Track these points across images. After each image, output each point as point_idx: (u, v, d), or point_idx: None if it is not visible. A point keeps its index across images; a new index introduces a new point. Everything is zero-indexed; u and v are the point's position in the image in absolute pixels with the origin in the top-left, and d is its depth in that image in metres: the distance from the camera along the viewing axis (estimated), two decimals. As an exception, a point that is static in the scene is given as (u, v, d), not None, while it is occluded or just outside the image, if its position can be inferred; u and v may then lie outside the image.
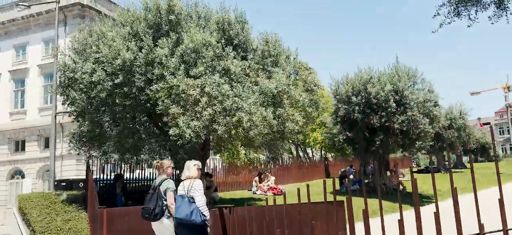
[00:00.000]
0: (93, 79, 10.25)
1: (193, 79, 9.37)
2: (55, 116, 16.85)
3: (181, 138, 8.96)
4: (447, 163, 33.54)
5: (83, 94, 10.69)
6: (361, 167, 27.39)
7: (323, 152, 39.48)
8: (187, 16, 11.24)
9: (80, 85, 10.65)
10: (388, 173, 21.42)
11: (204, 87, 9.15)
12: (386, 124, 16.51)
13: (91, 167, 12.05)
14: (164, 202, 5.92)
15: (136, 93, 10.09)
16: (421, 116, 16.44)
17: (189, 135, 8.77)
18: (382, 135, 16.90)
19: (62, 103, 11.71)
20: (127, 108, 10.30)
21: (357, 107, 16.66)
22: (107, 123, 11.05)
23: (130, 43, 10.29)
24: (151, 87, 9.64)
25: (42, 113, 32.19)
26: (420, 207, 3.50)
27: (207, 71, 9.57)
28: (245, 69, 10.07)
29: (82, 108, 10.83)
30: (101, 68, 10.26)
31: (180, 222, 5.61)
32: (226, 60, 9.82)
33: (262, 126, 9.07)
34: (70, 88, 11.01)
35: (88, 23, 11.75)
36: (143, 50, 10.09)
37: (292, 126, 9.66)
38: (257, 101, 9.33)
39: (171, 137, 9.08)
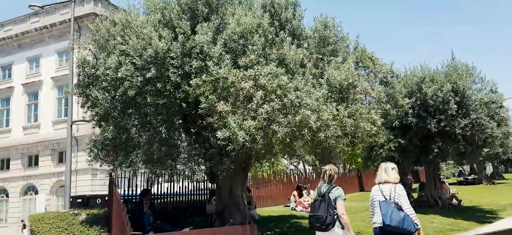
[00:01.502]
0: (119, 75, 8.47)
1: (243, 70, 7.52)
2: (71, 126, 15.10)
3: (232, 143, 7.07)
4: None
5: (106, 94, 8.91)
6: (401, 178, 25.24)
7: (346, 165, 37.31)
8: (226, 2, 9.44)
9: (103, 83, 8.89)
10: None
11: (258, 79, 7.28)
12: (446, 129, 14.46)
13: (115, 180, 10.23)
14: (335, 210, 5.65)
15: (171, 90, 8.26)
16: (487, 119, 14.36)
17: (243, 138, 6.87)
18: (440, 142, 14.84)
19: (81, 106, 9.93)
20: (160, 109, 8.47)
21: (410, 110, 14.64)
22: (134, 128, 9.22)
23: (162, 31, 8.51)
24: (191, 82, 7.81)
25: (56, 126, 30.92)
26: (488, 224, 2.99)
27: (260, 60, 7.71)
28: (303, 58, 8.21)
29: (106, 110, 9.03)
30: (129, 61, 8.47)
31: (390, 230, 5.31)
32: (281, 47, 7.96)
33: (334, 127, 7.17)
34: (90, 88, 9.23)
35: (111, 12, 10.00)
36: (179, 38, 8.29)
37: (368, 126, 7.72)
38: (322, 96, 7.43)
39: (218, 141, 7.19)
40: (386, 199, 5.46)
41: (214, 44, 8.07)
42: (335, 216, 5.65)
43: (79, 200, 19.52)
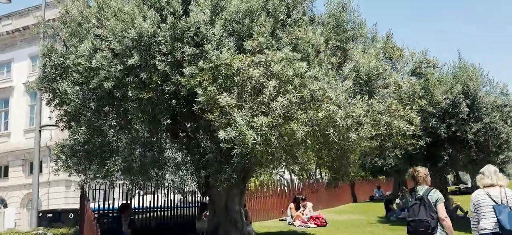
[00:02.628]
0: (93, 64, 6.91)
1: (250, 55, 6.04)
2: (40, 131, 13.27)
3: (238, 145, 5.54)
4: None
5: (77, 88, 7.31)
6: (396, 188, 24.13)
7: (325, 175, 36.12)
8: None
9: (74, 74, 7.29)
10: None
11: (270, 65, 5.82)
12: (457, 134, 13.26)
13: (87, 193, 8.57)
14: (435, 214, 5.41)
15: (158, 82, 6.71)
16: (501, 123, 13.24)
17: (253, 139, 5.35)
18: (450, 148, 13.62)
19: (47, 103, 8.26)
20: (144, 105, 6.90)
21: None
22: (112, 129, 7.61)
23: (148, 12, 6.98)
24: (184, 70, 6.29)
25: (28, 135, 28.82)
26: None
27: (271, 43, 6.27)
28: (319, 45, 6.79)
29: (76, 108, 7.41)
30: (106, 47, 6.91)
31: None
32: (295, 30, 6.55)
33: (368, 125, 5.75)
34: (58, 80, 7.59)
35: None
36: (168, 19, 6.76)
37: (404, 125, 6.32)
38: (348, 88, 6.04)
39: (221, 144, 5.66)
40: (497, 203, 5.18)
41: (212, 26, 6.58)
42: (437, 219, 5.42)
43: (50, 215, 17.63)
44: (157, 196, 11.15)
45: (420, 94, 7.04)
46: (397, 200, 17.82)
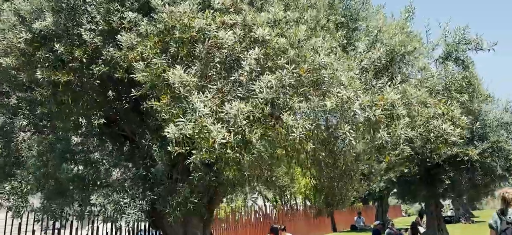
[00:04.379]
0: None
1: (220, 14, 3.98)
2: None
3: (197, 149, 3.40)
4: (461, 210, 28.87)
5: (-31, 69, 5.04)
6: (380, 216, 22.32)
7: (307, 202, 34.05)
8: None
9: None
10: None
11: (252, 29, 3.77)
12: (459, 155, 11.51)
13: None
14: None
15: (83, 58, 4.53)
16: (510, 142, 11.60)
17: (222, 138, 3.24)
18: (451, 171, 11.84)
19: None
20: (62, 94, 4.70)
21: (416, 131, 11.59)
22: (22, 132, 5.35)
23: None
24: (119, 36, 4.16)
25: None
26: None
27: (251, 1, 4.26)
28: (320, 18, 4.81)
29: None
30: (9, 9, 4.75)
31: None
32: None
33: (404, 120, 3.75)
34: None
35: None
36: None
37: (447, 126, 4.34)
38: (374, 61, 4.09)
39: (169, 146, 3.50)
40: None
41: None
42: None
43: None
44: (98, 226, 8.74)
45: (464, 85, 5.15)
46: (387, 230, 15.83)
